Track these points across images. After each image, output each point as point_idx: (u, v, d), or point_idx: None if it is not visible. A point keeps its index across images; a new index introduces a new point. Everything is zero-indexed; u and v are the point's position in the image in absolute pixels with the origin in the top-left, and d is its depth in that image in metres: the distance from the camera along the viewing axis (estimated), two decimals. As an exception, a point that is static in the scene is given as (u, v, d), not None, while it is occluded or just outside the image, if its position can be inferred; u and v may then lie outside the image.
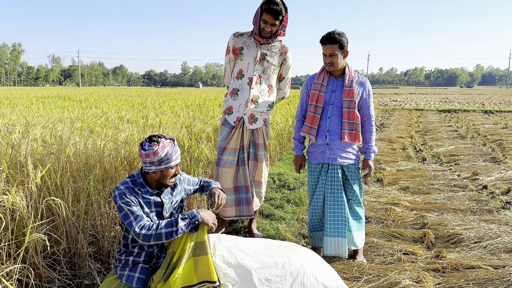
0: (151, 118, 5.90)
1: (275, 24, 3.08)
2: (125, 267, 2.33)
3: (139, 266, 2.33)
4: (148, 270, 2.35)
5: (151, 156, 2.20)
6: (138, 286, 2.28)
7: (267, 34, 3.11)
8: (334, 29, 2.91)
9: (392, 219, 3.99)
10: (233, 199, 3.30)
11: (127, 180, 2.33)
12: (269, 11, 2.99)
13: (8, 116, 6.39)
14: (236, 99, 3.23)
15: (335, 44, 2.85)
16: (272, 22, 3.04)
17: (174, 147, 2.30)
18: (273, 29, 3.10)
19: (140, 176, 2.34)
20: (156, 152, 2.20)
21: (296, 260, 2.59)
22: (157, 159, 2.22)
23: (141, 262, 2.34)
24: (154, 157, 2.21)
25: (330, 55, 2.88)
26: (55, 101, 13.62)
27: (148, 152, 2.20)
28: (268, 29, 3.08)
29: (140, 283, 2.29)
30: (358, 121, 2.96)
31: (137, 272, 2.31)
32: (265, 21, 3.05)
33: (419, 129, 11.69)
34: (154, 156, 2.20)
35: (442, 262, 3.01)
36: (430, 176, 5.77)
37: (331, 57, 2.88)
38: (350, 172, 3.02)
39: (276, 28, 3.12)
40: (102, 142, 3.40)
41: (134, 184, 2.32)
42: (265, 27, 3.07)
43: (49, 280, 2.60)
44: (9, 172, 2.58)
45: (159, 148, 2.21)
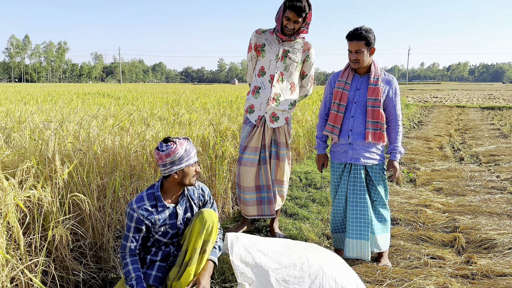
0: (182, 115, 5.98)
1: (298, 22, 3.02)
2: (143, 265, 2.37)
3: (156, 264, 2.37)
4: (165, 268, 2.39)
5: (171, 155, 2.21)
6: (155, 283, 2.32)
7: (289, 31, 3.07)
8: (362, 25, 2.83)
9: (422, 222, 3.85)
10: (254, 198, 3.29)
11: (143, 196, 2.31)
12: (292, 8, 2.94)
13: (48, 113, 6.68)
14: (258, 97, 3.21)
15: (362, 41, 2.76)
16: (295, 19, 2.99)
17: (190, 144, 2.32)
18: (295, 27, 3.05)
19: (159, 189, 2.33)
20: (175, 149, 2.21)
21: (315, 261, 2.54)
22: (178, 157, 2.23)
23: (158, 261, 2.38)
24: (175, 155, 2.22)
25: (355, 51, 2.80)
26: (94, 98, 14.10)
27: (167, 151, 2.21)
28: (290, 26, 3.03)
29: (157, 281, 2.33)
30: (383, 120, 2.87)
31: (154, 270, 2.35)
32: (288, 18, 3.01)
33: (459, 127, 11.24)
34: (174, 154, 2.21)
35: (471, 268, 2.88)
36: (466, 177, 5.53)
37: (357, 54, 2.80)
38: (374, 173, 2.94)
39: (299, 26, 3.07)
40: (129, 139, 3.48)
41: (151, 198, 2.31)
42: (287, 24, 3.03)
43: (75, 273, 2.69)
44: (38, 168, 2.68)
45: (178, 145, 2.23)
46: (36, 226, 2.38)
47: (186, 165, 2.28)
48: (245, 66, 3.41)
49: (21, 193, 2.27)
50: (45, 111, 7.09)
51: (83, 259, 2.82)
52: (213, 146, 3.91)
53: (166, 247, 2.41)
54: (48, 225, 2.45)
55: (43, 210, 2.46)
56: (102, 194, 3.09)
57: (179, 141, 2.27)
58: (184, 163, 2.27)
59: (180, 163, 2.25)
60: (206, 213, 2.31)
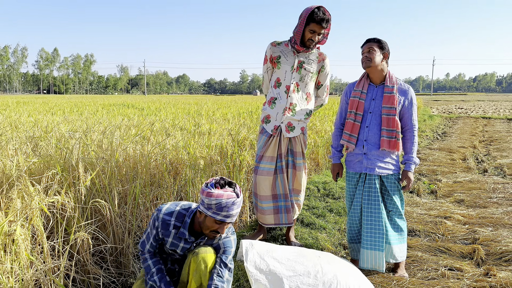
0: (202, 125, 6.10)
1: (321, 33, 3.10)
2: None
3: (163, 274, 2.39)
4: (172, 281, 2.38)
5: (204, 195, 2.06)
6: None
7: (313, 43, 3.13)
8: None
9: (441, 233, 3.79)
10: (271, 207, 3.33)
11: (174, 211, 2.20)
12: (317, 20, 3.00)
13: (74, 123, 6.91)
14: (274, 107, 3.27)
15: (374, 43, 2.85)
16: (320, 31, 3.07)
17: (232, 204, 2.07)
18: (318, 38, 3.12)
19: (190, 216, 2.20)
20: (210, 194, 2.04)
21: (330, 270, 2.56)
22: (207, 202, 2.05)
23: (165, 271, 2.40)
24: (205, 198, 2.05)
25: (368, 51, 2.84)
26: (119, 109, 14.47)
27: (204, 190, 2.08)
28: (315, 39, 3.10)
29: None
30: (398, 128, 2.87)
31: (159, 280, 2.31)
32: (313, 31, 3.06)
33: (484, 139, 10.99)
34: (205, 197, 2.06)
35: (490, 281, 2.83)
36: (489, 188, 5.41)
37: (369, 53, 2.84)
38: (390, 183, 2.93)
39: (321, 37, 3.14)
40: (150, 148, 3.59)
41: (178, 218, 2.20)
42: (312, 37, 3.08)
43: (95, 278, 2.78)
44: (62, 174, 2.81)
45: (216, 193, 2.04)
46: (59, 231, 2.48)
47: (210, 216, 2.07)
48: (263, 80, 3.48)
49: (46, 198, 2.38)
50: (71, 121, 7.34)
51: (104, 264, 2.91)
52: (231, 155, 3.98)
53: (172, 265, 2.38)
54: (71, 229, 2.55)
55: (66, 215, 2.57)
56: (123, 201, 3.19)
57: (225, 190, 2.07)
58: (209, 213, 2.07)
59: (206, 209, 2.08)
60: (201, 255, 2.16)
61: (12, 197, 2.17)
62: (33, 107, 14.77)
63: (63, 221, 2.55)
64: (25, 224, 2.14)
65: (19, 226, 1.98)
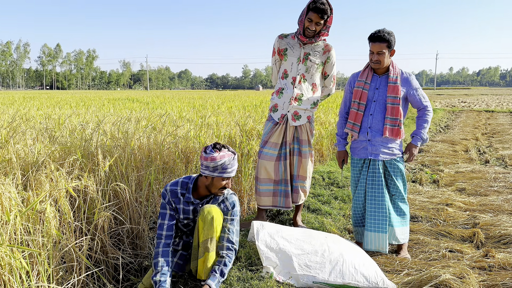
0: (209, 118, 6.25)
1: (319, 23, 3.20)
2: None
3: (178, 252, 2.60)
4: (186, 257, 2.61)
5: (209, 161, 2.35)
6: (175, 269, 2.55)
7: (310, 33, 3.25)
8: (383, 27, 2.98)
9: (443, 219, 3.94)
10: (271, 189, 3.47)
11: (178, 181, 2.50)
12: (315, 10, 3.13)
13: (83, 116, 7.08)
14: (281, 97, 3.41)
15: (384, 43, 2.92)
16: (317, 20, 3.18)
17: (232, 160, 2.41)
18: (317, 28, 3.23)
19: (193, 181, 2.50)
20: (214, 158, 2.33)
21: (336, 249, 2.71)
22: (213, 166, 2.35)
23: (180, 250, 2.61)
24: (211, 163, 2.34)
25: (377, 53, 2.96)
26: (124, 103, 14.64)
27: (207, 156, 2.35)
28: (312, 28, 3.21)
29: (178, 268, 2.57)
30: (401, 117, 3.02)
31: (176, 258, 2.57)
32: (310, 20, 3.19)
33: (486, 131, 11.10)
34: (211, 161, 2.34)
35: (489, 261, 2.97)
36: (490, 178, 5.55)
37: (378, 55, 2.96)
38: (393, 168, 3.08)
39: (320, 28, 3.25)
40: (162, 137, 3.74)
41: (183, 187, 2.49)
42: (309, 26, 3.21)
43: (114, 258, 2.94)
44: (82, 160, 2.96)
45: (219, 155, 2.34)
46: (82, 212, 2.65)
47: (217, 176, 2.39)
48: (269, 72, 3.65)
49: (70, 181, 2.54)
50: (80, 114, 7.51)
51: (121, 245, 3.07)
52: (239, 144, 4.13)
53: (186, 237, 2.63)
54: (93, 211, 2.71)
55: (87, 198, 2.73)
56: (138, 187, 3.35)
57: (223, 152, 2.37)
58: (216, 174, 2.38)
59: (213, 171, 2.38)
60: (206, 210, 2.39)
61: (40, 180, 2.33)
62: (39, 102, 14.96)
63: (85, 204, 2.71)
64: (53, 204, 2.30)
65: (49, 205, 2.14)
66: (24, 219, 2.11)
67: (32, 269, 2.17)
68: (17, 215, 1.94)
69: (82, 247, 2.58)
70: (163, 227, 2.43)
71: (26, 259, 1.98)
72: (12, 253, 1.85)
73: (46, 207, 2.12)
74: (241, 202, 4.14)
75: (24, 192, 2.30)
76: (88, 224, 2.80)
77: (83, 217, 2.69)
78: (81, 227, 2.67)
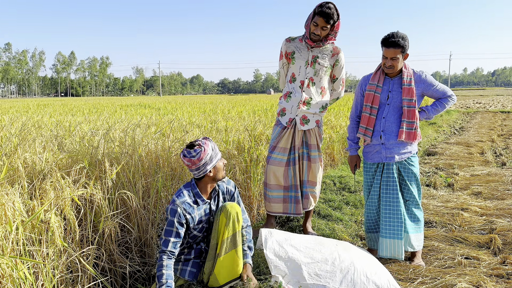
0: (218, 122, 6.21)
1: (325, 28, 3.14)
2: (178, 262, 2.55)
3: (191, 261, 2.55)
4: (199, 264, 2.56)
5: (203, 157, 2.36)
6: (190, 278, 2.50)
7: (316, 37, 3.19)
8: (397, 30, 2.88)
9: (458, 224, 3.82)
10: (281, 196, 3.41)
11: (183, 193, 2.46)
12: (321, 14, 3.07)
13: (94, 122, 7.11)
14: (289, 101, 3.35)
15: (398, 48, 2.82)
16: (323, 25, 3.11)
17: (212, 141, 2.48)
18: (322, 33, 3.16)
19: (195, 186, 2.50)
20: (205, 151, 2.37)
21: (347, 257, 2.64)
22: (209, 157, 2.39)
23: (193, 258, 2.56)
24: (206, 156, 2.37)
25: (391, 58, 2.87)
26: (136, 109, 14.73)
27: (199, 155, 2.35)
28: (317, 32, 3.15)
29: (192, 276, 2.51)
30: (417, 120, 2.94)
31: (189, 266, 2.52)
32: (316, 24, 3.13)
33: (502, 133, 10.86)
34: (205, 155, 2.36)
35: (507, 269, 2.86)
36: (507, 181, 5.39)
37: (392, 61, 2.87)
38: (406, 172, 2.99)
39: (326, 33, 3.18)
40: (170, 143, 3.71)
41: (191, 195, 2.47)
42: (315, 30, 3.15)
43: (122, 266, 2.91)
44: (89, 168, 2.94)
45: (205, 146, 2.38)
46: (88, 220, 2.62)
47: (217, 160, 2.45)
48: (279, 75, 3.58)
49: (76, 190, 2.51)
50: (92, 121, 7.55)
51: (129, 253, 3.04)
52: (248, 150, 4.08)
53: (198, 245, 2.58)
54: (99, 219, 2.68)
55: (94, 206, 2.70)
56: (146, 194, 3.32)
57: (203, 142, 2.41)
58: (215, 160, 2.43)
59: (211, 161, 2.41)
60: (228, 206, 2.45)
61: (46, 188, 2.31)
62: (53, 109, 15.15)
63: (91, 212, 2.68)
64: (57, 213, 2.28)
65: (54, 215, 2.12)
66: (28, 229, 2.09)
67: (37, 279, 2.14)
68: (20, 225, 1.91)
69: (88, 256, 2.55)
70: (168, 244, 2.37)
71: (30, 270, 1.95)
72: (14, 265, 1.82)
73: (50, 216, 2.10)
74: (250, 208, 4.08)
75: (29, 201, 2.28)
76: (95, 233, 2.77)
77: (89, 226, 2.67)
78: (88, 236, 2.64)
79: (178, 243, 2.41)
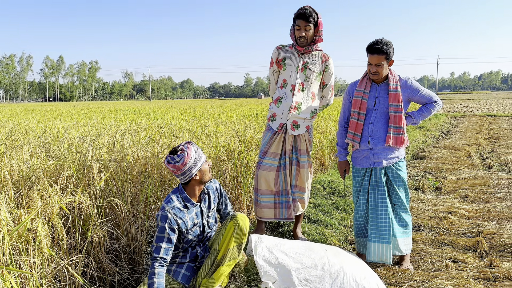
0: (209, 128, 6.21)
1: (308, 28, 3.18)
2: (172, 264, 2.55)
3: (185, 264, 2.55)
4: (193, 268, 2.56)
5: (188, 161, 2.38)
6: (182, 281, 2.49)
7: (303, 41, 3.23)
8: (382, 37, 2.93)
9: (446, 227, 3.87)
10: (272, 201, 3.42)
11: (172, 198, 2.47)
12: (299, 16, 3.14)
13: (83, 128, 7.06)
14: (280, 106, 3.38)
15: (382, 55, 2.87)
16: (304, 25, 3.16)
17: (195, 145, 2.50)
18: (307, 34, 3.20)
19: (183, 191, 2.51)
20: (188, 155, 2.38)
21: (336, 262, 2.65)
22: (193, 160, 2.40)
23: (187, 262, 2.56)
24: (190, 160, 2.39)
25: (376, 65, 2.91)
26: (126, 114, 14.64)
27: (182, 160, 2.37)
28: (302, 34, 3.19)
29: (185, 279, 2.50)
30: (404, 125, 2.98)
31: (183, 269, 2.52)
32: (299, 27, 3.18)
33: (489, 136, 11.02)
34: (189, 159, 2.38)
35: (493, 271, 2.90)
36: (493, 184, 5.47)
37: (377, 67, 2.92)
38: (394, 177, 3.02)
39: (311, 34, 3.22)
40: (160, 150, 3.70)
41: (180, 200, 2.48)
42: (299, 33, 3.19)
43: (111, 274, 2.89)
44: (78, 176, 2.92)
45: (188, 151, 2.40)
46: (76, 228, 2.60)
47: (201, 163, 2.46)
48: (269, 82, 3.61)
49: (64, 198, 2.50)
50: (80, 127, 7.49)
51: (118, 261, 3.02)
52: (238, 155, 4.09)
53: (193, 249, 2.59)
54: (87, 227, 2.67)
55: (82, 214, 2.68)
56: (135, 201, 3.30)
57: (185, 146, 2.43)
58: (200, 163, 2.45)
59: (196, 164, 2.43)
60: (239, 216, 2.51)
61: (33, 197, 2.29)
62: (41, 115, 14.99)
63: (79, 220, 2.66)
64: (45, 221, 2.26)
65: (41, 223, 2.10)
66: (15, 238, 2.07)
67: (24, 289, 2.12)
68: (6, 235, 1.89)
69: (77, 265, 2.53)
70: (160, 251, 2.35)
71: (16, 280, 1.93)
72: (1, 275, 1.80)
73: (38, 225, 2.08)
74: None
75: (16, 209, 2.26)
76: (83, 241, 2.75)
77: (78, 234, 2.65)
78: (77, 244, 2.62)
79: (170, 249, 2.40)
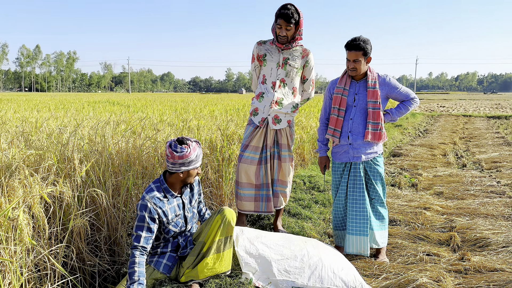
0: (190, 121, 6.20)
1: (289, 28, 3.22)
2: (154, 255, 2.57)
3: (167, 254, 2.57)
4: (175, 258, 2.58)
5: (184, 158, 2.38)
6: (164, 272, 2.52)
7: (282, 39, 3.28)
8: (360, 35, 3.02)
9: (421, 223, 4.00)
10: (252, 194, 3.47)
11: (152, 187, 2.48)
12: (281, 16, 3.18)
13: (61, 119, 6.94)
14: (261, 101, 3.42)
15: (360, 51, 2.96)
16: (285, 25, 3.20)
17: (200, 148, 2.51)
18: (288, 34, 3.25)
19: (164, 182, 2.51)
20: (189, 154, 2.39)
21: (315, 254, 2.72)
22: (189, 160, 2.41)
23: (169, 252, 2.58)
24: (186, 159, 2.39)
25: (353, 61, 3.00)
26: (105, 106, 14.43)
27: (181, 154, 2.38)
28: (282, 34, 3.24)
29: (167, 269, 2.53)
30: (382, 121, 3.07)
31: (165, 259, 2.55)
32: (280, 26, 3.23)
33: (464, 135, 11.35)
34: (187, 157, 2.39)
35: (465, 264, 3.03)
36: (467, 182, 5.67)
37: (355, 63, 3.00)
38: (372, 172, 3.12)
39: (292, 33, 3.27)
40: (141, 141, 3.69)
41: (160, 190, 2.49)
42: (280, 32, 3.24)
43: (91, 265, 2.89)
44: (58, 166, 2.90)
45: (191, 150, 2.41)
46: (57, 218, 2.59)
47: (193, 168, 2.47)
48: (252, 77, 3.65)
49: (45, 187, 2.48)
50: (59, 118, 7.36)
51: (99, 252, 3.02)
52: (220, 149, 4.12)
53: (175, 239, 2.61)
54: (68, 217, 2.66)
55: (63, 204, 2.67)
56: (116, 192, 3.29)
57: (192, 145, 2.44)
58: (192, 166, 2.46)
59: (188, 165, 2.44)
60: (226, 210, 2.53)
61: (13, 186, 2.27)
62: (16, 105, 14.61)
63: (60, 209, 2.65)
64: (26, 210, 2.24)
65: (22, 212, 2.09)
66: (-5, 227, 2.05)
67: (4, 278, 2.10)
68: (-13, 223, 1.88)
69: (57, 255, 2.52)
70: (140, 239, 2.36)
71: (-3, 268, 1.92)
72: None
73: (19, 214, 2.07)
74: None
75: (-4, 198, 2.23)
76: (64, 231, 2.74)
77: (58, 224, 2.63)
78: (57, 234, 2.61)
79: (150, 238, 2.40)
